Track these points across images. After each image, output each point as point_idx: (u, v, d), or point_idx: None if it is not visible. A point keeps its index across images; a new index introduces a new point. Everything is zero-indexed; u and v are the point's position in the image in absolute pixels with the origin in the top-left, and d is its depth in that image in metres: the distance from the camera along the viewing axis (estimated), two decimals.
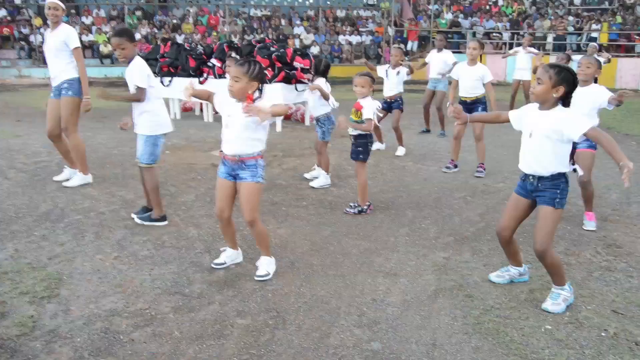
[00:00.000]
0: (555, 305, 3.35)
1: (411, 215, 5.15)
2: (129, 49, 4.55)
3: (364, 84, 5.00)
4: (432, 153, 7.97)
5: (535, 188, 3.34)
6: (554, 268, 3.37)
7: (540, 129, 3.26)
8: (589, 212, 4.91)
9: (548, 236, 3.27)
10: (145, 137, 4.60)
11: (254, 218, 3.67)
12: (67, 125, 5.81)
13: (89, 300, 3.41)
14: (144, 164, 4.63)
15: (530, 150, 3.33)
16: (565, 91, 3.20)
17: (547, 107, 3.27)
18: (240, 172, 3.63)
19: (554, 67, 3.23)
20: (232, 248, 3.98)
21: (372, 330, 3.12)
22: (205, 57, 10.70)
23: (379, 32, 24.66)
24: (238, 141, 3.60)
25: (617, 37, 21.52)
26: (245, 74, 3.50)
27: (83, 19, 23.70)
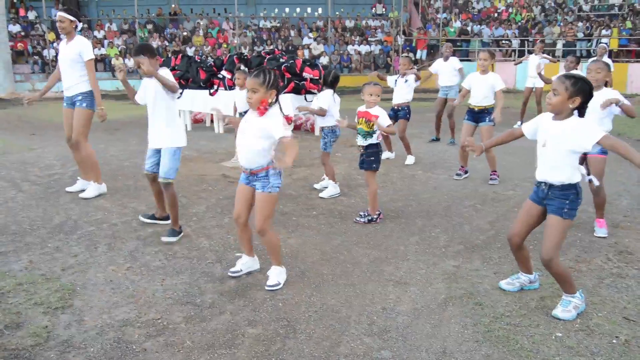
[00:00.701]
0: (565, 312, 3.34)
1: (421, 223, 5.16)
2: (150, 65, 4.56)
3: (378, 92, 5.06)
4: (441, 161, 7.97)
5: (545, 195, 3.35)
6: (561, 277, 3.37)
7: (554, 139, 3.27)
8: (600, 219, 4.89)
9: (554, 246, 3.27)
10: (173, 151, 4.66)
11: (263, 228, 3.72)
12: (78, 137, 5.91)
13: (102, 311, 3.45)
14: (172, 179, 4.67)
15: (544, 159, 3.35)
16: (581, 102, 3.21)
17: (562, 117, 3.28)
18: (255, 183, 3.73)
19: (570, 78, 3.23)
20: (248, 255, 4.02)
21: (382, 338, 3.13)
22: (216, 69, 10.81)
23: (388, 42, 24.75)
24: (249, 153, 3.67)
25: (627, 43, 21.42)
26: (262, 85, 3.55)
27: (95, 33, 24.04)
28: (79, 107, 5.84)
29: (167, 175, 4.66)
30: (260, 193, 3.69)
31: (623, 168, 7.42)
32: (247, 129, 3.67)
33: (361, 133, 5.16)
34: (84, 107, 5.84)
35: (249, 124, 3.67)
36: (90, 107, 5.87)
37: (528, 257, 3.69)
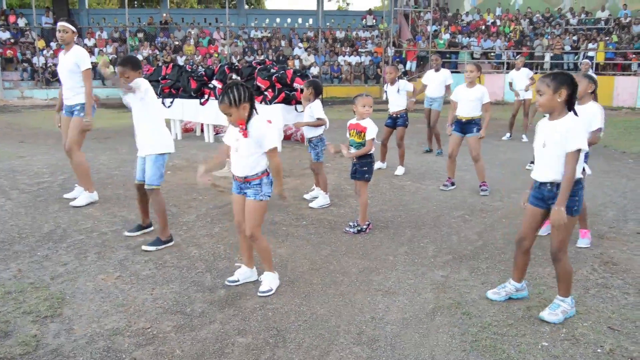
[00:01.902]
0: (552, 315, 3.41)
1: (410, 234, 5.20)
2: (132, 78, 4.63)
3: (370, 104, 5.13)
4: (431, 172, 8.04)
5: (553, 195, 3.38)
6: (565, 275, 3.45)
7: (553, 139, 3.34)
8: (583, 229, 4.97)
9: (563, 243, 3.38)
10: (155, 157, 4.69)
11: (254, 233, 3.78)
12: (72, 145, 5.94)
13: (92, 320, 3.45)
14: (156, 185, 4.70)
15: (545, 160, 3.41)
16: (567, 93, 3.29)
17: (557, 116, 3.36)
18: (247, 190, 3.77)
19: (549, 75, 3.36)
20: (247, 265, 4.05)
21: (371, 348, 3.16)
22: (207, 79, 10.85)
23: (378, 53, 24.93)
24: (243, 163, 3.72)
25: (613, 56, 21.74)
26: (230, 106, 3.59)
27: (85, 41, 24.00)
28: (77, 116, 5.88)
29: (150, 181, 4.68)
30: (251, 200, 3.73)
31: (609, 180, 7.52)
32: (240, 147, 3.71)
33: (353, 144, 5.21)
34: (81, 116, 5.87)
35: (241, 141, 3.70)
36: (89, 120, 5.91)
37: (526, 265, 3.73)
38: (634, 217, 5.80)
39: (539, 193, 3.48)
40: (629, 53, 21.42)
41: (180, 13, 30.21)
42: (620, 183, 7.42)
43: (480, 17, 26.44)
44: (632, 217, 5.80)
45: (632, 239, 5.10)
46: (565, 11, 25.66)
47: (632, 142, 11.17)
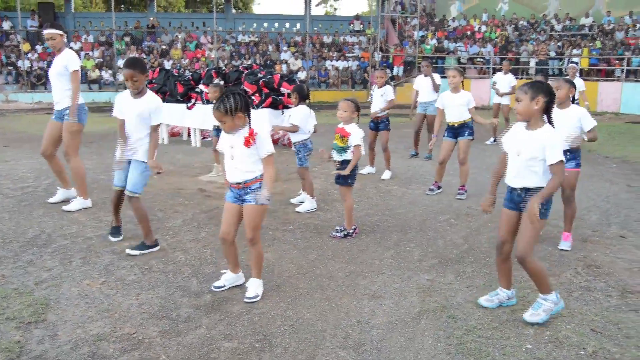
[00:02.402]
0: (533, 315, 3.45)
1: (396, 238, 5.23)
2: (141, 81, 4.58)
3: (346, 108, 5.12)
4: (417, 176, 8.09)
5: (522, 199, 3.46)
6: (537, 275, 3.47)
7: (528, 150, 3.39)
8: (567, 232, 5.02)
9: (529, 244, 3.40)
10: (145, 166, 4.66)
11: (255, 236, 3.79)
12: (68, 150, 5.91)
13: (76, 325, 3.43)
14: (137, 193, 4.66)
15: (518, 168, 3.45)
16: (544, 101, 3.35)
17: (533, 125, 3.41)
18: (246, 197, 3.76)
19: (527, 84, 3.44)
20: (233, 271, 4.04)
21: (357, 352, 3.17)
22: (194, 83, 10.83)
23: (365, 58, 25.04)
24: (242, 170, 3.72)
25: (597, 62, 22.02)
26: (225, 115, 3.59)
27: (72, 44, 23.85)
28: (67, 121, 5.84)
29: (135, 189, 4.64)
30: (252, 205, 3.72)
31: (593, 184, 7.62)
32: (235, 155, 3.71)
33: (336, 148, 5.23)
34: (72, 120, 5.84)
35: (237, 149, 3.70)
36: (79, 121, 5.87)
37: (511, 270, 3.75)
38: (617, 221, 5.88)
39: (510, 197, 3.55)
40: (612, 59, 21.71)
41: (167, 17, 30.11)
42: (604, 187, 7.51)
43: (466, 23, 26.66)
44: (615, 221, 5.88)
45: (615, 242, 5.17)
46: (550, 17, 25.96)
47: (616, 147, 11.32)
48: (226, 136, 3.77)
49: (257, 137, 3.65)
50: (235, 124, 3.63)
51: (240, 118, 3.62)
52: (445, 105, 6.75)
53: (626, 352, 3.19)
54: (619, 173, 8.60)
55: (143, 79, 4.60)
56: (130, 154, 4.69)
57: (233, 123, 3.62)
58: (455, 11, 28.20)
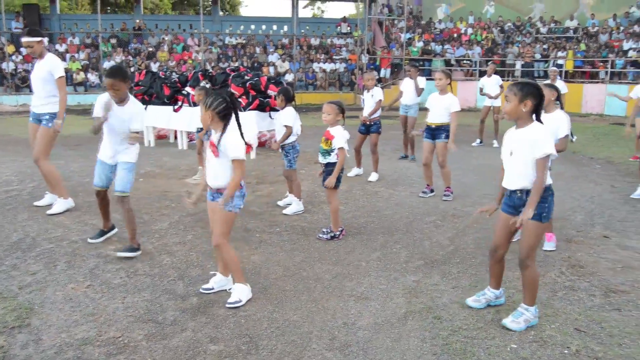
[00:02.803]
0: (514, 322, 3.46)
1: (383, 239, 5.24)
2: (123, 89, 4.58)
3: (329, 111, 5.14)
4: (404, 178, 8.12)
5: (523, 203, 3.43)
6: (531, 283, 3.48)
7: (520, 148, 3.40)
8: (549, 233, 5.06)
9: (532, 249, 3.42)
10: (130, 166, 4.68)
11: (219, 243, 3.77)
12: (39, 155, 5.87)
13: (61, 330, 3.41)
14: (127, 192, 4.66)
15: (514, 168, 3.46)
16: (533, 104, 3.36)
17: (523, 125, 3.42)
18: (219, 200, 3.75)
19: (517, 84, 3.43)
20: (223, 274, 4.03)
21: (343, 353, 3.18)
22: (180, 85, 10.79)
23: (353, 60, 25.10)
24: (216, 172, 3.74)
25: (581, 64, 22.24)
26: (202, 105, 3.71)
27: (57, 47, 23.65)
28: (45, 126, 5.81)
29: (124, 189, 4.65)
30: (221, 211, 3.72)
31: (578, 185, 7.69)
32: (209, 157, 3.75)
33: (321, 151, 5.25)
34: (49, 126, 5.81)
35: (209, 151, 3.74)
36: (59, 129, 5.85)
37: (502, 272, 3.76)
38: (601, 221, 5.94)
39: (510, 201, 3.53)
40: (597, 61, 21.94)
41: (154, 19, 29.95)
42: (588, 188, 7.58)
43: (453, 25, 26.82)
44: (598, 221, 5.94)
45: (599, 243, 5.23)
46: (535, 20, 26.18)
47: (600, 148, 11.44)
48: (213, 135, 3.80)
49: (223, 145, 3.66)
50: (206, 119, 3.68)
51: (211, 117, 3.66)
52: (431, 105, 6.79)
53: (609, 351, 3.23)
54: (603, 174, 8.69)
55: (125, 87, 4.60)
56: (114, 158, 4.73)
57: (204, 117, 3.69)
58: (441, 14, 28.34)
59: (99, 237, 5.04)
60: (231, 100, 3.72)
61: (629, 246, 5.14)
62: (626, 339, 3.38)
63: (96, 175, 4.83)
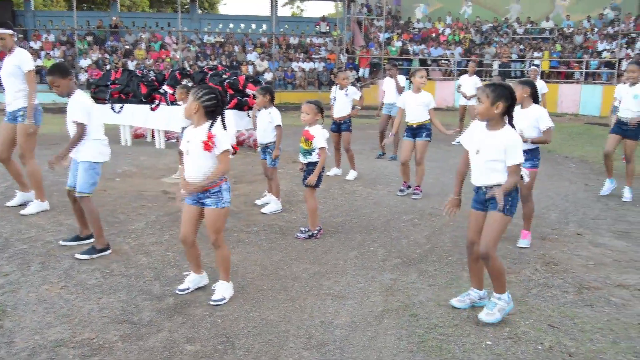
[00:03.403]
0: (489, 315, 3.51)
1: (360, 238, 5.26)
2: (63, 86, 4.54)
3: (308, 111, 5.15)
4: (382, 177, 8.16)
5: (488, 198, 3.49)
6: (497, 273, 3.52)
7: (488, 149, 3.44)
8: (526, 230, 5.15)
9: (494, 240, 3.45)
10: (88, 164, 4.59)
11: (218, 240, 3.76)
12: (24, 152, 5.77)
13: (34, 331, 3.36)
14: (86, 193, 4.58)
15: (479, 166, 3.51)
16: (505, 106, 3.41)
17: (494, 126, 3.46)
18: (205, 200, 3.72)
19: (490, 86, 3.47)
20: (196, 272, 4.00)
21: (320, 352, 3.18)
22: (157, 84, 10.69)
23: (332, 59, 25.11)
24: (198, 170, 3.68)
25: (557, 65, 22.58)
26: (191, 94, 3.70)
27: (32, 44, 23.26)
28: (21, 122, 5.70)
29: (81, 188, 4.58)
30: (212, 209, 3.70)
31: (553, 184, 7.81)
32: (191, 150, 3.68)
33: (301, 151, 5.25)
34: (25, 122, 5.70)
35: (192, 142, 3.68)
36: (34, 122, 5.73)
37: (482, 270, 3.79)
38: (575, 219, 6.04)
39: (477, 197, 3.60)
40: (572, 62, 22.29)
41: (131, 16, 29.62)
42: (563, 186, 7.71)
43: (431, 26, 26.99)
44: (573, 219, 6.04)
45: (573, 240, 5.32)
46: (512, 21, 26.49)
47: (575, 147, 11.63)
48: (188, 131, 3.77)
49: (215, 138, 3.63)
50: (190, 110, 3.65)
51: (196, 109, 3.63)
52: (405, 104, 6.83)
53: (581, 346, 3.29)
54: (577, 172, 8.83)
55: (65, 83, 4.55)
56: (76, 156, 4.66)
57: (189, 106, 3.66)
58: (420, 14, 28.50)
59: (72, 241, 4.94)
60: (221, 99, 3.70)
61: (601, 243, 5.24)
62: (597, 334, 3.44)
63: (69, 174, 4.75)
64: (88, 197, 4.60)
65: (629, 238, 5.42)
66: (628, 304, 3.90)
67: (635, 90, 6.69)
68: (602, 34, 23.05)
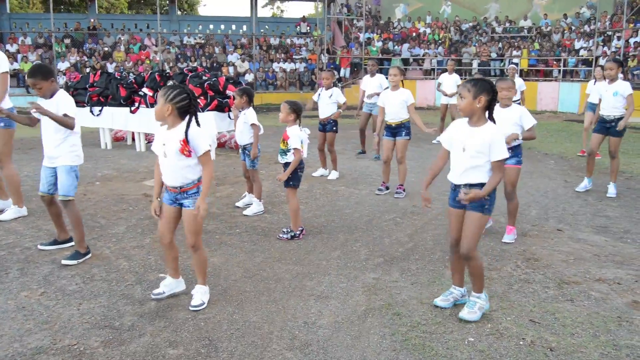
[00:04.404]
0: (471, 313, 3.54)
1: (343, 238, 5.27)
2: (45, 88, 4.48)
3: (282, 110, 5.20)
4: (364, 177, 8.18)
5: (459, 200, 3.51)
6: (477, 272, 3.56)
7: (473, 146, 3.46)
8: (511, 226, 5.20)
9: (474, 240, 3.49)
10: (68, 168, 4.54)
11: (197, 242, 3.71)
12: (1, 157, 5.66)
13: (13, 339, 3.30)
14: (71, 196, 4.54)
15: (463, 164, 3.52)
16: (486, 99, 3.43)
17: (476, 122, 3.48)
18: (183, 201, 3.67)
19: (470, 81, 3.50)
20: (173, 276, 3.94)
21: (303, 352, 3.18)
22: (137, 86, 10.60)
23: (312, 60, 25.13)
24: (175, 172, 3.62)
25: (536, 63, 22.84)
26: (162, 96, 3.58)
27: (7, 47, 22.91)
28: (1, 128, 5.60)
29: (65, 192, 4.52)
30: (191, 210, 3.64)
31: (533, 181, 7.89)
32: (168, 152, 3.62)
33: (279, 151, 5.24)
34: (1, 126, 5.61)
35: (169, 144, 3.61)
36: (8, 125, 5.64)
37: (464, 267, 3.80)
38: (555, 215, 6.12)
39: (455, 194, 3.60)
40: (550, 60, 22.56)
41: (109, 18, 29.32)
42: (543, 183, 7.80)
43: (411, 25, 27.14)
44: (552, 215, 6.11)
45: (553, 236, 5.38)
46: (490, 20, 26.73)
47: (554, 144, 11.78)
48: (159, 134, 3.70)
49: (192, 143, 3.56)
50: (163, 112, 3.56)
51: (169, 111, 3.56)
52: (385, 103, 6.86)
53: (562, 340, 3.33)
54: (557, 169, 8.94)
55: (47, 85, 4.49)
56: (52, 162, 4.60)
57: (160, 109, 3.57)
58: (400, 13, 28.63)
59: (50, 245, 4.88)
60: (192, 97, 3.63)
61: (580, 238, 5.30)
62: (578, 328, 3.49)
63: (40, 180, 4.70)
64: (72, 200, 4.55)
65: (607, 233, 5.50)
66: (607, 298, 3.95)
67: (615, 87, 6.81)
68: (579, 33, 23.37)
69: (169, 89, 3.59)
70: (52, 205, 4.75)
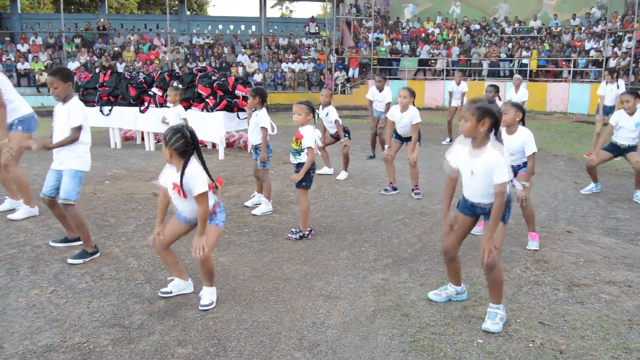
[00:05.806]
0: (494, 324, 3.48)
1: (351, 238, 5.27)
2: (61, 89, 4.51)
3: (299, 112, 5.14)
4: (373, 177, 8.17)
5: (484, 211, 3.52)
6: (497, 283, 3.51)
7: (479, 169, 3.42)
8: (532, 232, 5.12)
9: (498, 250, 3.45)
10: (74, 172, 4.58)
11: (208, 257, 3.69)
12: (6, 160, 5.70)
13: (24, 337, 3.33)
14: (72, 200, 4.55)
15: (475, 186, 3.49)
16: (490, 122, 3.39)
17: (479, 144, 3.43)
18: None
19: (475, 103, 3.44)
20: (180, 278, 3.96)
21: (312, 353, 3.18)
22: (146, 86, 10.65)
23: (321, 60, 25.13)
24: (185, 209, 3.72)
25: (545, 63, 22.72)
26: (163, 139, 3.57)
27: (19, 47, 23.09)
28: (15, 130, 5.67)
29: (67, 196, 4.54)
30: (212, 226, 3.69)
31: (542, 182, 7.85)
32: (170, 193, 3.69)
33: (291, 151, 5.24)
34: (19, 130, 5.68)
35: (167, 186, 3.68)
36: (26, 130, 5.71)
37: (459, 269, 3.83)
38: (564, 217, 6.08)
39: (466, 203, 3.58)
40: (560, 61, 22.44)
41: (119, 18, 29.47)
42: (552, 184, 7.75)
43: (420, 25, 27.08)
44: (562, 217, 6.08)
45: (563, 238, 5.35)
46: (500, 20, 26.63)
47: (564, 146, 11.71)
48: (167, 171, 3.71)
49: (186, 185, 3.56)
50: (166, 155, 3.58)
51: (170, 154, 3.55)
52: (394, 119, 6.84)
53: (572, 343, 3.31)
54: (566, 170, 8.89)
55: (64, 87, 4.52)
56: (61, 165, 4.63)
57: (166, 154, 3.58)
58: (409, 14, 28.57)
59: (61, 242, 4.93)
60: (191, 136, 3.56)
61: (590, 240, 5.27)
62: (588, 331, 3.47)
63: (45, 182, 4.74)
64: (73, 205, 4.57)
65: (618, 235, 5.47)
66: (617, 301, 3.92)
67: (636, 119, 6.74)
68: (589, 33, 23.23)
69: (167, 132, 3.56)
70: (54, 208, 4.81)
